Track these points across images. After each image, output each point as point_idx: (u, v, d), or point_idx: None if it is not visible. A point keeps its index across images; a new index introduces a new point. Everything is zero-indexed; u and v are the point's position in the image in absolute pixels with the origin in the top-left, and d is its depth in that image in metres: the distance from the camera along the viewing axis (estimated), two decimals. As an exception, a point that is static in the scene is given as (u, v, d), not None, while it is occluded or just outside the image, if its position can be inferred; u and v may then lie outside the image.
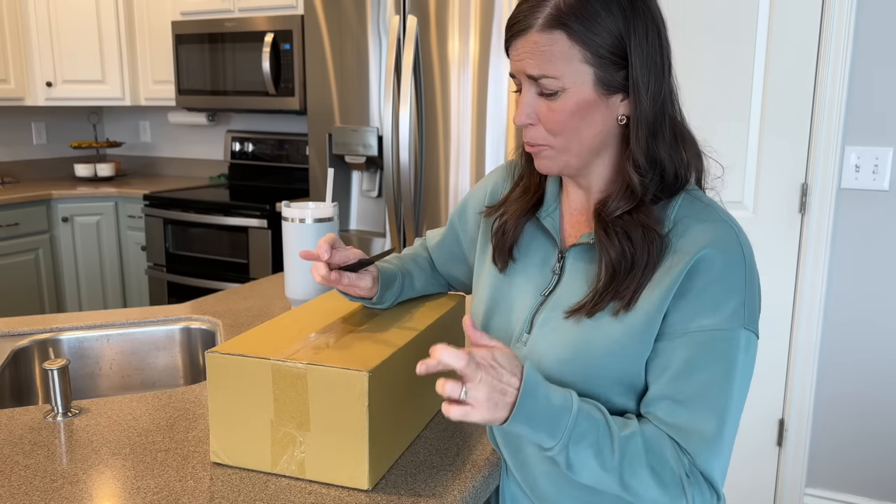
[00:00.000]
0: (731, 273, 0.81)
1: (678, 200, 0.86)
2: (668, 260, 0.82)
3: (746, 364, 0.83)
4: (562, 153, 0.86)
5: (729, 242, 0.82)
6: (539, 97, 0.84)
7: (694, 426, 0.81)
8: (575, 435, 0.78)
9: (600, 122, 0.84)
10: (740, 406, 0.83)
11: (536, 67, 0.82)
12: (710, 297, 0.81)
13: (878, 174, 2.19)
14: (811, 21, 2.20)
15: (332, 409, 0.86)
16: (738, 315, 0.81)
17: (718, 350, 0.81)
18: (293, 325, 1.02)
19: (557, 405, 0.78)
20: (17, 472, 0.91)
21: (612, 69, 0.81)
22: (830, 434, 2.37)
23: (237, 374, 0.90)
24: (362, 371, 0.84)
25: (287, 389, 0.88)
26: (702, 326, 0.81)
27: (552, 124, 0.84)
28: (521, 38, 0.82)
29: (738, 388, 0.82)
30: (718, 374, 0.80)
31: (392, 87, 2.61)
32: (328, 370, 0.86)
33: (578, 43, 0.80)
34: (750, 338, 0.82)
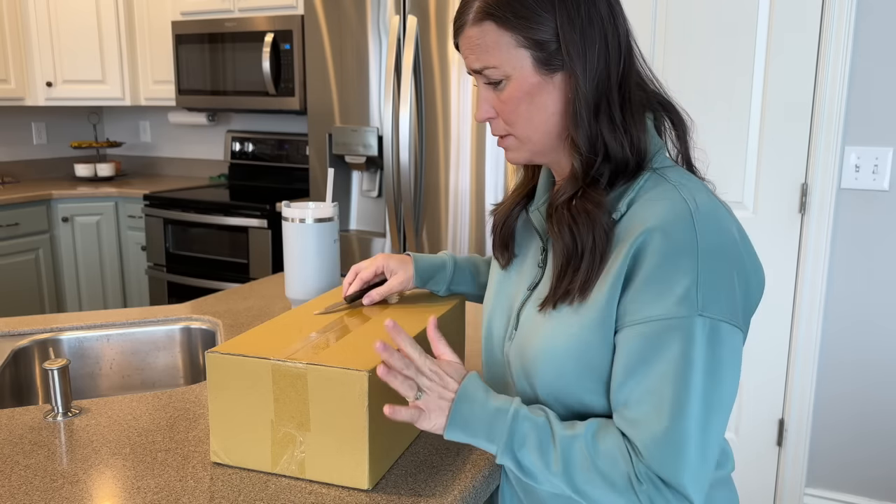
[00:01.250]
0: (677, 255, 0.75)
1: (640, 182, 0.82)
2: (616, 247, 0.79)
3: (711, 355, 0.75)
4: (524, 142, 0.86)
5: (677, 221, 0.76)
6: (491, 90, 0.85)
7: (643, 424, 0.76)
8: (517, 439, 0.79)
9: (551, 104, 0.83)
10: (710, 402, 0.75)
11: (477, 61, 0.83)
12: (656, 282, 0.75)
13: (878, 174, 2.19)
14: (811, 21, 2.20)
15: (333, 409, 0.86)
16: (689, 301, 0.74)
17: (666, 341, 0.74)
18: (293, 324, 1.02)
19: (493, 409, 0.80)
20: (18, 472, 0.91)
21: (549, 48, 0.80)
22: (831, 434, 2.37)
23: (237, 374, 0.90)
24: (362, 371, 0.84)
25: (287, 389, 0.88)
26: (648, 316, 0.75)
27: (506, 115, 0.85)
28: (460, 37, 0.85)
29: (697, 381, 0.74)
30: (669, 368, 0.74)
31: (392, 87, 2.61)
32: (328, 370, 0.86)
33: (509, 29, 0.80)
34: (714, 326, 0.74)
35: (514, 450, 0.79)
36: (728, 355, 0.76)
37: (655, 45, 2.41)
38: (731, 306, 0.76)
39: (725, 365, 0.76)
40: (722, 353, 0.75)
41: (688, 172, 0.86)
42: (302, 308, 1.11)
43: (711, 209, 0.78)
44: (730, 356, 0.76)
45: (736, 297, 0.77)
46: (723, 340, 0.75)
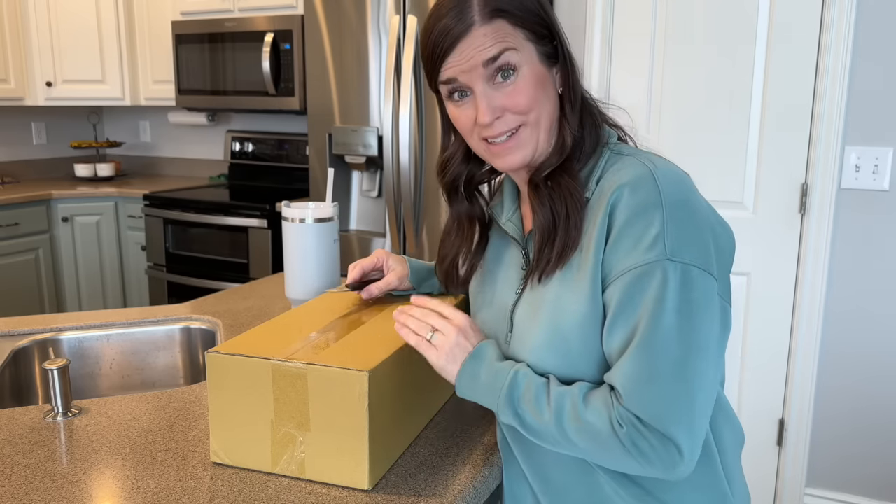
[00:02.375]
0: (644, 208, 0.79)
1: (602, 161, 0.88)
2: (592, 217, 0.83)
3: (685, 298, 0.77)
4: (535, 128, 0.88)
5: (640, 179, 0.81)
6: (496, 90, 0.86)
7: (620, 367, 0.79)
8: (516, 393, 0.84)
9: (553, 95, 0.89)
10: (686, 342, 0.77)
11: (495, 47, 0.83)
12: (628, 236, 0.79)
13: (879, 174, 2.19)
14: (811, 21, 2.20)
15: (332, 409, 0.86)
16: (657, 247, 0.78)
17: (640, 287, 0.78)
18: (293, 324, 1.02)
19: (497, 367, 0.86)
20: (18, 472, 0.91)
21: (546, 42, 0.87)
22: (831, 434, 2.37)
23: (237, 374, 0.90)
24: (362, 371, 0.84)
25: (287, 389, 0.88)
26: (624, 268, 0.79)
27: (522, 100, 0.86)
28: (463, 41, 0.84)
29: (669, 322, 0.76)
30: (643, 312, 0.77)
31: (392, 87, 2.61)
32: (328, 370, 0.86)
33: (518, 24, 0.85)
34: (685, 270, 0.77)
35: (513, 402, 0.84)
36: (701, 298, 0.78)
37: (655, 45, 2.41)
38: (701, 253, 0.79)
39: (699, 307, 0.78)
40: (693, 295, 0.78)
41: (640, 149, 0.92)
42: (302, 308, 1.11)
43: (671, 170, 0.84)
44: (703, 299, 0.78)
45: (705, 245, 0.80)
46: (694, 284, 0.78)
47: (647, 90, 2.44)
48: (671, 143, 2.40)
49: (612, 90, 2.49)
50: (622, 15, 2.45)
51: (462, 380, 0.88)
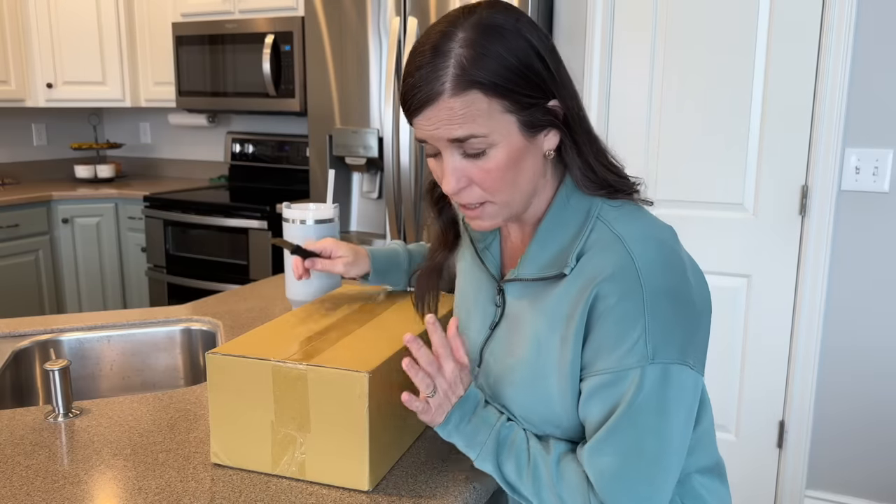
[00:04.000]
0: (625, 307, 0.77)
1: (586, 233, 0.83)
2: (572, 304, 0.81)
3: (662, 396, 0.77)
4: (504, 207, 0.84)
5: (622, 273, 0.78)
6: (465, 159, 0.80)
7: (596, 460, 0.80)
8: (500, 448, 0.85)
9: (532, 166, 0.83)
10: (661, 439, 0.78)
11: (460, 130, 0.77)
12: (608, 336, 0.78)
13: (879, 176, 2.19)
14: (811, 23, 2.21)
15: (333, 410, 0.86)
16: (638, 351, 0.77)
17: (618, 388, 0.78)
18: (294, 325, 1.02)
19: (481, 419, 0.86)
20: (19, 473, 0.91)
21: (534, 109, 0.79)
22: (831, 436, 2.37)
23: (238, 375, 0.90)
24: (362, 372, 0.84)
25: (287, 390, 0.88)
26: (604, 367, 0.79)
27: (489, 184, 0.81)
28: (429, 108, 0.77)
29: (648, 423, 0.77)
30: (622, 409, 0.78)
31: (392, 88, 2.61)
32: (328, 371, 0.86)
33: (496, 96, 0.77)
34: (664, 369, 0.77)
35: (497, 455, 0.86)
36: (678, 393, 0.78)
37: (656, 48, 2.41)
38: (680, 347, 0.78)
39: (675, 402, 0.78)
40: (671, 393, 0.78)
41: (632, 207, 0.86)
42: (302, 309, 1.11)
43: (655, 254, 0.79)
44: (680, 393, 0.79)
45: (685, 334, 0.79)
46: (672, 381, 0.78)
47: (648, 92, 2.44)
48: (671, 144, 2.40)
49: (612, 93, 2.50)
50: (622, 18, 2.45)
51: (446, 429, 0.87)
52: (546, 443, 0.86)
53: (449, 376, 0.85)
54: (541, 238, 0.86)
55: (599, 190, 0.85)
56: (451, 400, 0.86)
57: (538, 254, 0.86)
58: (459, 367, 0.86)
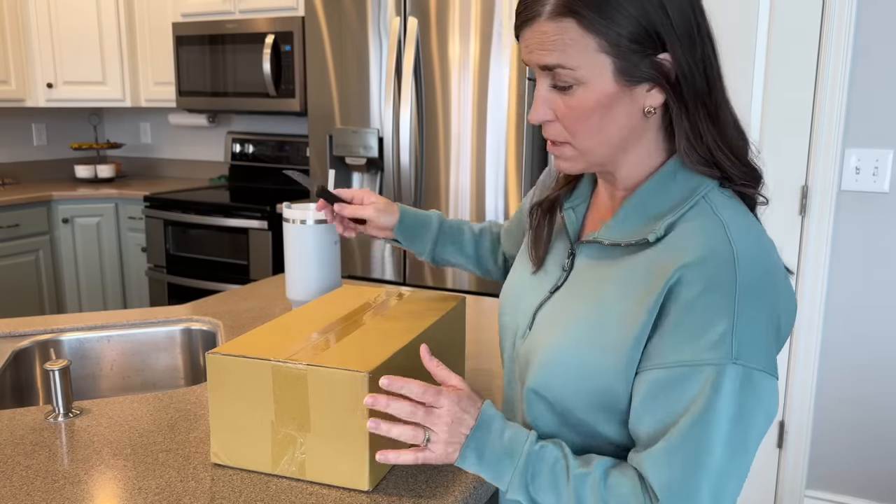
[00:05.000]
0: (713, 297, 0.69)
1: (685, 208, 0.76)
2: (649, 279, 0.74)
3: (741, 404, 0.69)
4: (584, 154, 0.79)
5: (717, 261, 0.70)
6: (554, 91, 0.76)
7: (661, 468, 0.71)
8: (529, 474, 0.77)
9: (624, 117, 0.76)
10: (734, 451, 0.70)
11: (549, 57, 0.73)
12: (688, 325, 0.70)
13: (878, 176, 2.19)
14: (811, 23, 2.21)
15: (333, 410, 0.86)
16: (723, 347, 0.69)
17: (694, 386, 0.70)
18: (294, 325, 1.02)
19: (507, 442, 0.78)
20: (19, 473, 0.91)
21: (636, 58, 0.73)
22: (831, 436, 2.37)
23: (238, 374, 0.90)
24: (362, 372, 0.84)
25: (287, 390, 0.88)
26: (678, 361, 0.71)
27: (570, 122, 0.76)
28: (528, 28, 0.75)
29: (721, 431, 0.69)
30: (694, 414, 0.70)
31: (393, 88, 2.62)
32: (328, 371, 0.86)
33: (592, 31, 0.71)
34: (747, 374, 0.69)
35: (527, 485, 0.77)
36: (756, 404, 0.71)
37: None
38: (766, 354, 0.71)
39: (755, 413, 0.71)
40: (751, 401, 0.70)
41: (739, 204, 0.79)
42: (303, 309, 1.11)
43: (756, 252, 0.72)
44: (760, 404, 0.71)
45: (771, 343, 0.72)
46: (754, 389, 0.70)
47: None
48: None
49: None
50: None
51: (466, 459, 0.79)
52: (586, 460, 0.77)
53: (447, 415, 0.78)
54: (633, 203, 0.80)
55: (704, 166, 0.77)
56: (463, 431, 0.78)
57: (625, 219, 0.79)
58: (453, 392, 0.80)
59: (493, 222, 1.23)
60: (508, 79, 2.46)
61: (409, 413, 0.79)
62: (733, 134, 0.79)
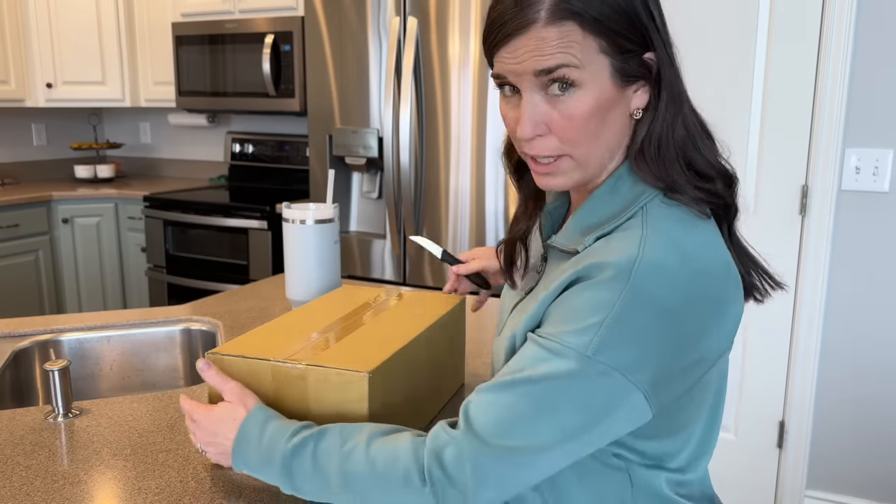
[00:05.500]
0: (601, 289, 0.69)
1: (623, 218, 0.75)
2: (563, 273, 0.75)
3: (581, 397, 0.68)
4: (582, 164, 0.76)
5: (619, 261, 0.69)
6: (546, 102, 0.73)
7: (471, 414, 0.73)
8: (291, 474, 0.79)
9: (618, 120, 0.75)
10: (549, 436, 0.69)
11: (550, 60, 0.70)
12: (570, 307, 0.71)
13: (879, 176, 2.19)
14: (811, 22, 2.21)
15: (333, 410, 0.86)
16: (584, 337, 0.68)
17: (543, 361, 0.70)
18: (294, 325, 1.02)
19: (267, 443, 0.80)
20: (19, 473, 0.91)
21: (629, 56, 0.72)
22: (831, 436, 2.37)
23: (237, 375, 0.90)
24: (362, 372, 0.84)
25: (287, 390, 0.88)
26: (545, 332, 0.72)
27: (570, 132, 0.73)
28: (519, 38, 0.71)
29: (547, 410, 0.69)
30: (527, 377, 0.71)
31: (392, 88, 2.61)
32: (328, 371, 0.86)
33: (593, 32, 0.70)
34: (604, 373, 0.68)
35: (294, 483, 0.79)
36: (602, 402, 0.69)
37: (655, 47, 2.41)
38: (636, 362, 0.68)
39: (594, 409, 0.69)
40: (597, 396, 0.69)
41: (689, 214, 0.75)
42: (302, 309, 1.11)
43: (667, 264, 0.69)
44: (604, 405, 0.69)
45: (649, 356, 0.68)
46: (605, 388, 0.68)
47: (648, 92, 2.44)
48: (671, 144, 2.40)
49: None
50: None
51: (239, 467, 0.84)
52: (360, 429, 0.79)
53: (203, 429, 0.87)
54: (581, 212, 0.79)
55: (650, 177, 0.75)
56: (224, 443, 0.85)
57: (573, 226, 0.80)
58: (213, 408, 0.87)
59: None
60: (508, 79, 2.46)
61: (188, 425, 0.88)
62: (700, 132, 0.80)
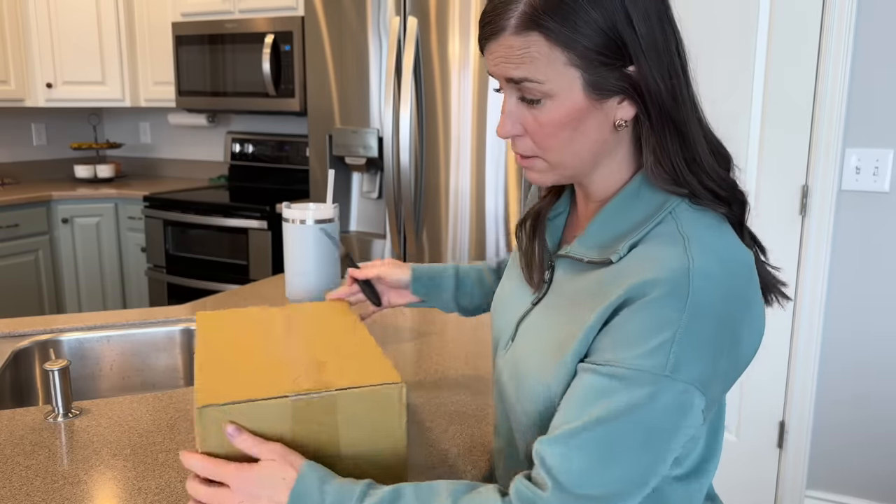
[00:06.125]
0: (662, 306, 0.68)
1: (651, 225, 0.75)
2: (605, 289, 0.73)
3: (664, 420, 0.68)
4: (555, 167, 0.78)
5: (673, 274, 0.68)
6: (522, 104, 0.75)
7: (551, 454, 0.69)
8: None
9: (595, 131, 0.75)
10: (640, 471, 0.69)
11: (516, 70, 0.72)
12: (632, 329, 0.69)
13: (879, 176, 2.19)
14: (812, 22, 2.21)
15: (367, 437, 0.78)
16: (660, 356, 0.67)
17: (618, 390, 0.68)
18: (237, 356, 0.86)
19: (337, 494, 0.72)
20: (19, 473, 0.91)
21: (605, 70, 0.71)
22: (831, 436, 2.37)
23: (244, 423, 0.75)
24: (398, 383, 0.77)
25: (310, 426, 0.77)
26: (610, 360, 0.69)
27: (540, 138, 0.75)
28: (492, 42, 0.73)
29: (630, 437, 0.68)
30: (608, 412, 0.68)
31: (392, 88, 2.61)
32: (361, 391, 0.77)
33: (559, 45, 0.70)
34: (680, 391, 0.67)
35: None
36: (679, 419, 0.69)
37: (656, 47, 2.41)
38: (703, 372, 0.69)
39: (674, 427, 0.69)
40: (674, 416, 0.69)
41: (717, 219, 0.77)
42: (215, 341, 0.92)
43: (717, 271, 0.70)
44: (681, 420, 0.69)
45: (715, 364, 0.70)
46: (682, 405, 0.69)
47: (648, 92, 2.44)
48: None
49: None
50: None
51: None
52: (436, 491, 0.73)
53: (236, 495, 0.72)
54: (601, 220, 0.78)
55: (671, 185, 0.75)
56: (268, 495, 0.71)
57: (594, 235, 0.78)
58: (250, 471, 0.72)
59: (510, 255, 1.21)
60: (508, 78, 2.46)
61: (195, 492, 0.74)
62: (704, 152, 0.78)
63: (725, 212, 0.78)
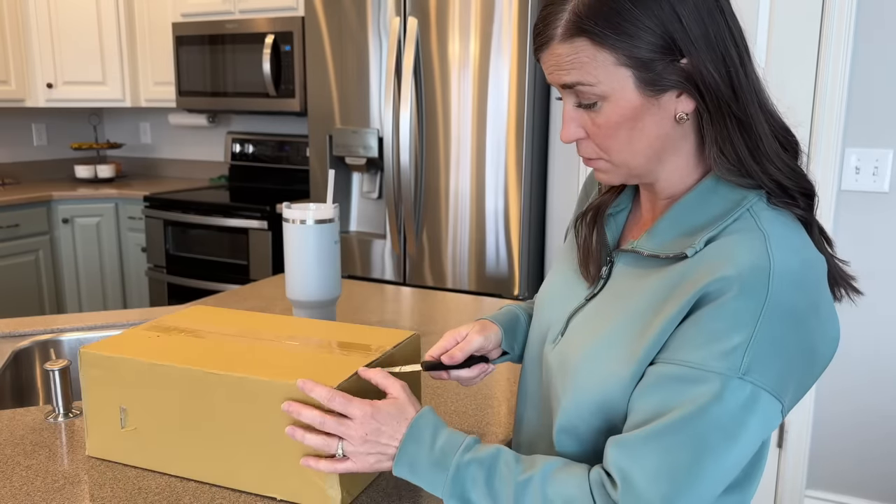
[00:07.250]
0: (739, 309, 0.68)
1: (728, 221, 0.74)
2: (681, 286, 0.73)
3: (737, 422, 0.67)
4: (619, 167, 0.78)
5: (752, 275, 0.68)
6: (581, 109, 0.76)
7: (622, 457, 0.70)
8: (465, 483, 0.75)
9: (654, 127, 0.75)
10: (712, 477, 0.69)
11: (567, 76, 0.74)
12: (706, 330, 0.69)
13: (878, 176, 2.19)
14: (811, 23, 2.21)
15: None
16: (734, 357, 0.67)
17: (693, 390, 0.68)
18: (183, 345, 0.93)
19: (439, 451, 0.76)
20: (19, 473, 0.91)
21: (657, 66, 0.72)
22: (831, 436, 2.37)
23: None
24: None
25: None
26: (685, 360, 0.70)
27: (600, 139, 0.76)
28: (544, 52, 0.76)
29: (704, 441, 0.67)
30: (682, 415, 0.68)
31: (392, 88, 2.62)
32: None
33: (606, 47, 0.71)
34: (753, 393, 0.67)
35: (462, 495, 0.76)
36: (752, 423, 0.69)
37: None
38: (779, 375, 0.69)
39: (747, 432, 0.69)
40: (748, 419, 0.68)
41: (792, 218, 0.76)
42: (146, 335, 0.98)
43: (797, 270, 0.70)
44: (753, 423, 0.69)
45: (793, 367, 0.70)
46: (755, 408, 0.68)
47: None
48: (671, 144, 2.40)
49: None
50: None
51: (400, 473, 0.78)
52: (532, 461, 0.76)
53: (360, 427, 0.77)
54: (673, 214, 0.78)
55: (737, 176, 0.75)
56: (384, 442, 0.78)
57: (666, 230, 0.78)
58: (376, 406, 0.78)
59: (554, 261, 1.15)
60: (508, 79, 2.46)
61: (318, 422, 0.78)
62: (768, 139, 0.77)
63: (800, 213, 0.77)
